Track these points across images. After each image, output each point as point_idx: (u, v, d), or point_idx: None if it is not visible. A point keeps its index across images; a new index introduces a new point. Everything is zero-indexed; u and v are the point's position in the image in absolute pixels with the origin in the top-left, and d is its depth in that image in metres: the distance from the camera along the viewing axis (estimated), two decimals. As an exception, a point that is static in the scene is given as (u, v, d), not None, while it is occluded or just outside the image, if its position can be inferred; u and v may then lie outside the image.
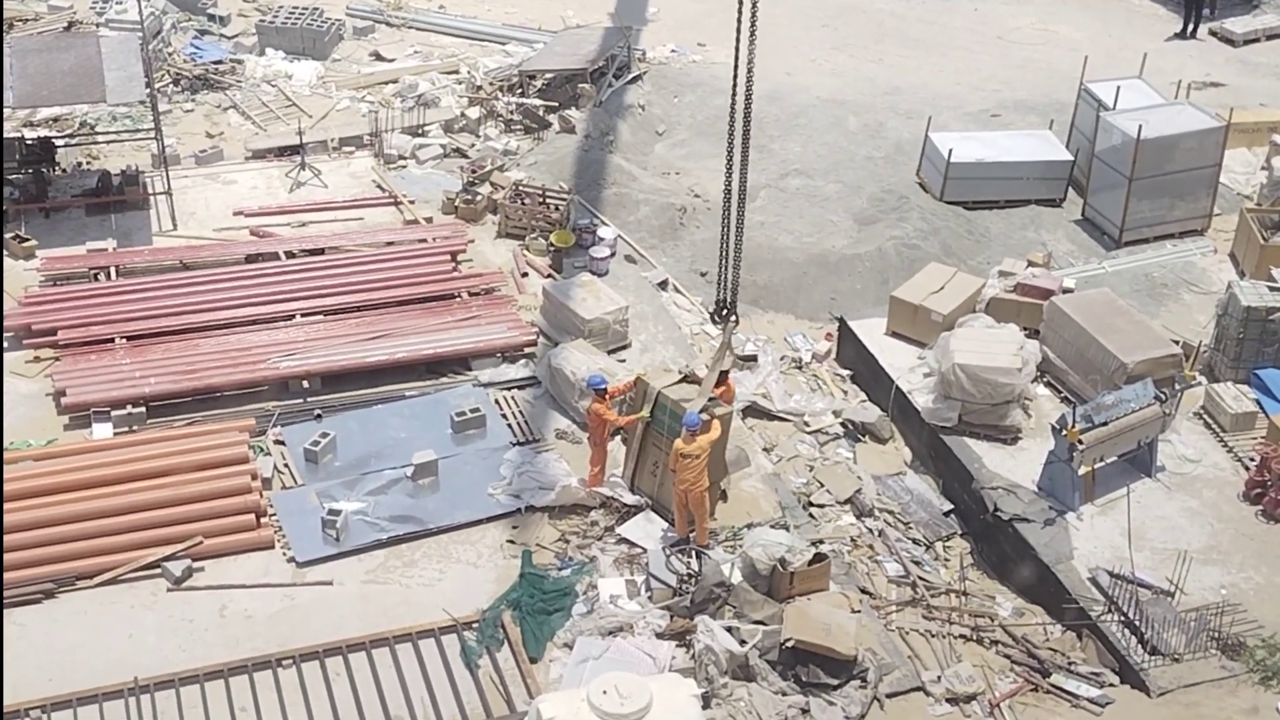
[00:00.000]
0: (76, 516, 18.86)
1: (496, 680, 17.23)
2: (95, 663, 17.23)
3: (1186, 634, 18.10)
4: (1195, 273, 25.28)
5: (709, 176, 27.49)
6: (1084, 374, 21.67)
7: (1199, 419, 21.78)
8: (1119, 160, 25.67)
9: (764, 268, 25.31)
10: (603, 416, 19.45)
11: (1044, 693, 17.93)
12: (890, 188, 27.28)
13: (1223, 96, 30.23)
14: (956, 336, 21.67)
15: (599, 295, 22.94)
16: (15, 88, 24.93)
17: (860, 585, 18.99)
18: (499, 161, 27.66)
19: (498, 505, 19.75)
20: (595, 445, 19.78)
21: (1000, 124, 29.55)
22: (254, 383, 21.71)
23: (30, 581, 18.13)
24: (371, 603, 18.28)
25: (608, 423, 19.52)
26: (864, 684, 17.23)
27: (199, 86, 30.62)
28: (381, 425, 21.10)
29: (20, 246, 24.60)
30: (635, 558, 18.94)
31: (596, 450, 19.80)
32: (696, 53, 32.31)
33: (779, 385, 22.84)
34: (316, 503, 19.57)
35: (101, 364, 21.90)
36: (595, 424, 19.59)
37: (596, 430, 19.64)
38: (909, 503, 21.04)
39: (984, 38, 34.40)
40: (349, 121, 29.42)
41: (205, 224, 25.93)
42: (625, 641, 17.57)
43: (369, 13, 33.86)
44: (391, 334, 22.76)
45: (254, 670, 17.17)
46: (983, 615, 19.13)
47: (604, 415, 19.45)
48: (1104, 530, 19.70)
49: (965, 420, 21.20)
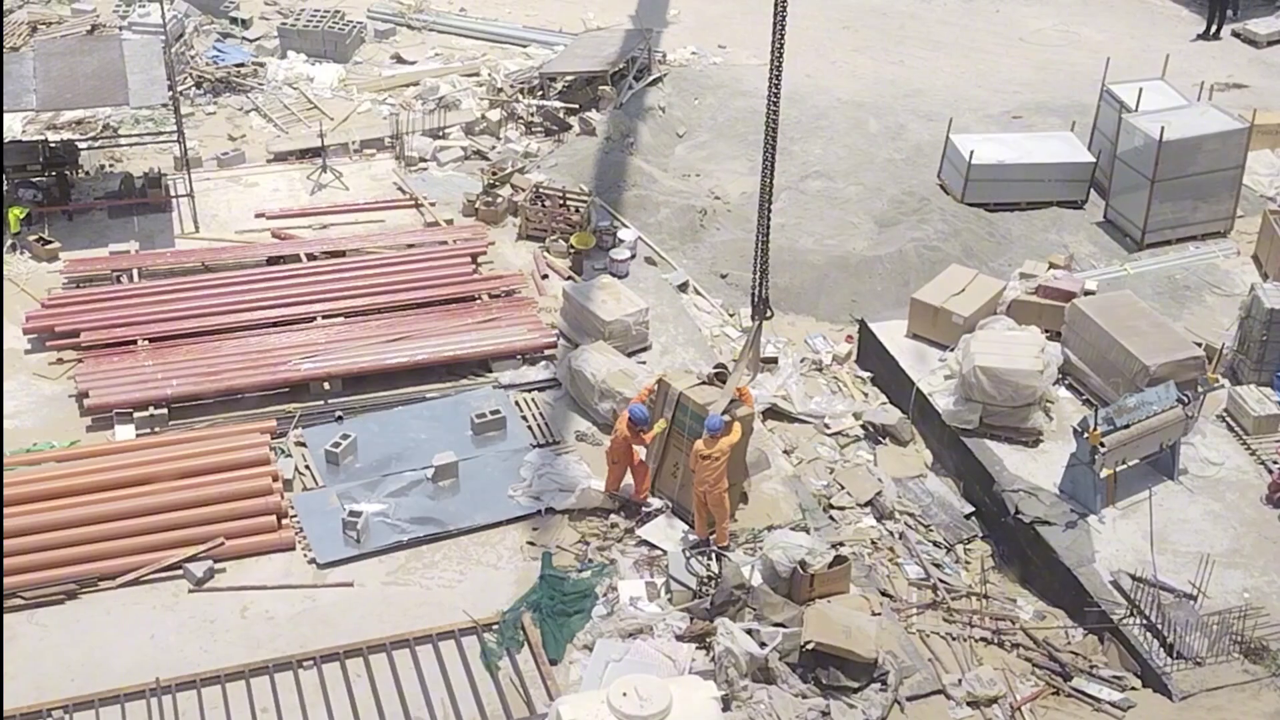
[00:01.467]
0: (99, 518, 18.95)
1: (516, 682, 17.24)
2: (117, 663, 17.31)
3: (1209, 638, 18.02)
4: (1218, 275, 25.17)
5: (729, 178, 27.48)
6: (1106, 376, 21.60)
7: (1222, 422, 21.68)
8: (1141, 162, 25.57)
9: (784, 270, 25.28)
10: (630, 444, 19.28)
11: (1065, 696, 17.86)
12: (911, 190, 27.22)
13: (1246, 98, 30.10)
14: (978, 339, 21.62)
15: (619, 297, 22.94)
16: (39, 91, 25.07)
17: (881, 588, 18.96)
18: (519, 164, 27.69)
19: (518, 507, 19.77)
20: (614, 464, 19.59)
21: (1022, 126, 29.46)
22: (275, 384, 21.77)
23: (53, 582, 18.22)
24: (392, 604, 18.31)
25: (631, 449, 19.35)
26: (884, 687, 17.19)
27: (221, 89, 30.73)
28: (402, 427, 21.14)
29: (43, 249, 24.73)
30: (655, 560, 18.95)
31: (615, 469, 19.64)
32: (717, 55, 32.28)
33: (799, 387, 22.82)
34: (337, 504, 19.62)
35: (124, 366, 21.99)
36: (620, 448, 19.38)
37: (621, 452, 19.43)
38: (930, 505, 21.00)
39: (1005, 39, 34.30)
40: (370, 124, 29.49)
41: (227, 226, 26.03)
42: (645, 643, 17.56)
43: (390, 15, 33.94)
44: (412, 336, 22.80)
45: (275, 671, 17.22)
46: (1004, 618, 19.08)
47: (632, 443, 19.27)
48: (1126, 533, 19.63)
49: (986, 423, 21.14)
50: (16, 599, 17.97)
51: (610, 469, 19.68)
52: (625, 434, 19.24)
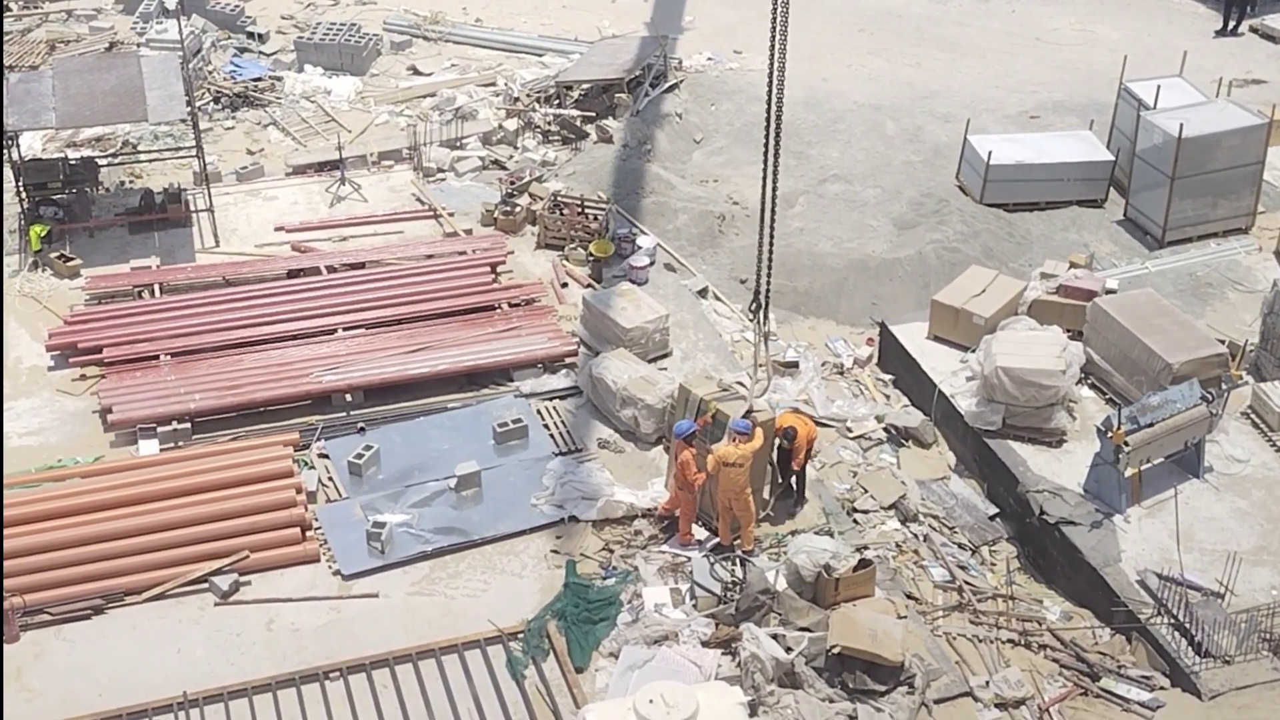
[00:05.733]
0: (124, 533, 19.00)
1: (542, 690, 17.24)
2: (144, 677, 17.34)
3: (1237, 636, 17.92)
4: (1240, 271, 25.08)
5: (747, 183, 27.46)
6: (1129, 375, 21.52)
7: (1246, 419, 21.58)
8: (1160, 159, 25.49)
9: (804, 273, 25.27)
10: (688, 467, 18.62)
11: (1094, 697, 17.79)
12: (930, 191, 27.18)
13: (1265, 94, 30.00)
14: (999, 339, 21.56)
15: (639, 304, 22.95)
16: (58, 109, 25.21)
17: (906, 591, 18.91)
18: (537, 172, 27.74)
19: (541, 515, 19.77)
20: (681, 489, 18.91)
21: (1040, 125, 29.42)
22: (297, 397, 21.82)
23: (79, 598, 18.27)
24: (417, 614, 18.33)
25: (691, 471, 18.68)
26: (911, 690, 17.13)
27: (239, 104, 30.88)
28: (424, 437, 21.17)
29: (65, 266, 24.85)
30: (679, 566, 18.91)
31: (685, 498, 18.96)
32: (732, 60, 32.32)
33: (821, 391, 22.78)
34: (361, 515, 19.65)
35: (146, 381, 22.06)
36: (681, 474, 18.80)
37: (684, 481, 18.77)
38: (953, 507, 20.94)
39: (1022, 39, 34.24)
40: (387, 136, 29.58)
41: (247, 240, 26.13)
42: (671, 650, 17.54)
43: (406, 27, 34.06)
44: (433, 346, 22.84)
45: (301, 683, 17.24)
46: (1030, 619, 19.01)
47: (689, 465, 18.61)
48: (1152, 532, 19.54)
49: (1009, 423, 21.08)
50: (43, 615, 18.03)
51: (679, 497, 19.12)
52: (685, 459, 18.74)
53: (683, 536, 19.21)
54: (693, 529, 19.24)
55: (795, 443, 19.52)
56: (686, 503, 19.03)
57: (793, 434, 19.49)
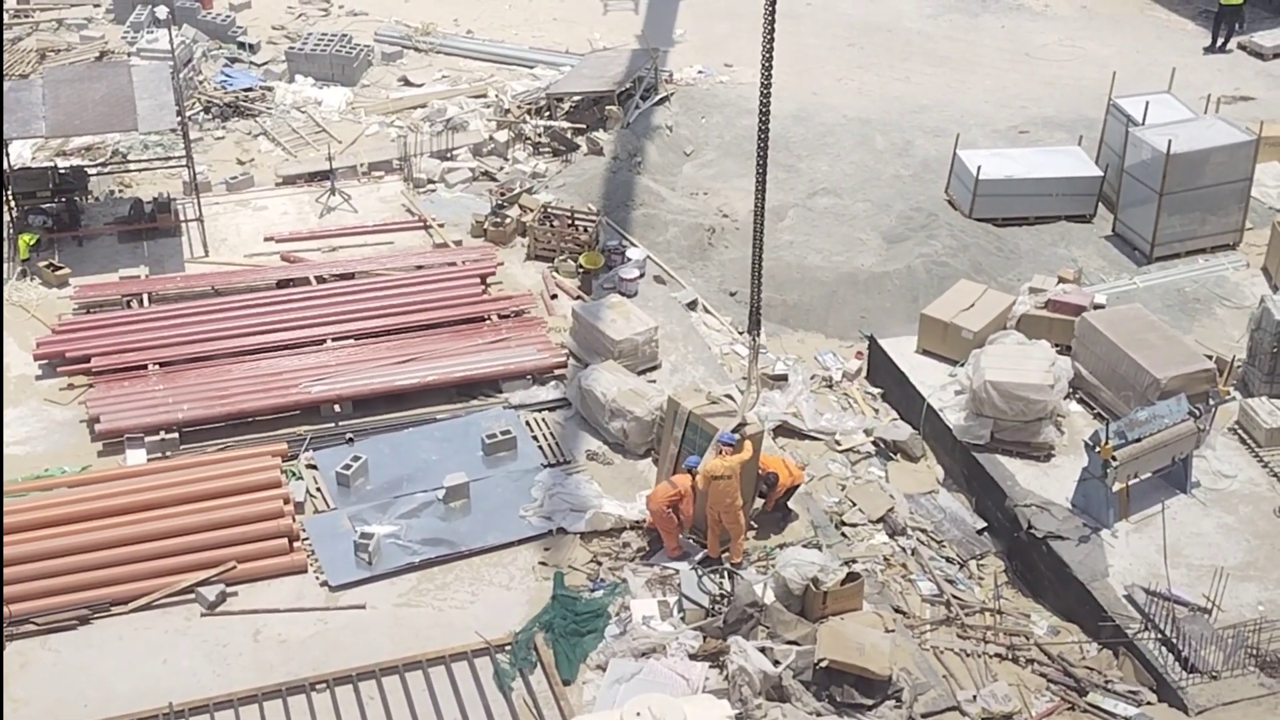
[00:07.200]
0: (111, 543, 18.95)
1: (530, 703, 17.21)
2: (130, 688, 17.29)
3: (1224, 651, 17.95)
4: (1228, 287, 25.15)
5: (737, 196, 27.51)
6: (1117, 390, 21.57)
7: (1233, 434, 21.63)
8: (1149, 175, 25.57)
9: (793, 287, 25.30)
10: (681, 497, 18.79)
11: (1081, 711, 17.81)
12: (919, 205, 27.24)
13: (1253, 110, 30.12)
14: (987, 354, 21.59)
15: (628, 316, 22.95)
16: (49, 117, 25.17)
17: (894, 604, 18.91)
18: (527, 184, 27.75)
19: (529, 527, 19.76)
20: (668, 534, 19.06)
21: (1029, 140, 29.50)
22: (285, 407, 21.79)
23: (66, 608, 18.21)
24: (404, 626, 18.29)
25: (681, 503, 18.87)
26: (899, 704, 17.14)
27: (229, 114, 30.84)
28: (413, 448, 21.15)
29: (54, 274, 24.80)
30: (667, 578, 18.90)
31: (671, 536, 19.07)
32: (723, 73, 32.38)
33: (810, 404, 22.79)
34: (349, 526, 19.62)
35: (135, 390, 22.02)
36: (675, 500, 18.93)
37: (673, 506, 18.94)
38: (942, 521, 20.96)
39: (1011, 55, 34.33)
40: (378, 146, 29.57)
41: (236, 250, 26.10)
42: (658, 663, 17.52)
43: (397, 38, 34.06)
44: (422, 357, 22.82)
45: (288, 694, 17.20)
46: (1018, 634, 19.02)
47: (684, 495, 18.79)
48: (1139, 547, 19.58)
49: (997, 438, 21.12)
50: (29, 625, 17.98)
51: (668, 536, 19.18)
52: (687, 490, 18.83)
53: (671, 551, 19.20)
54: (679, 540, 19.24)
55: (774, 488, 19.62)
56: (668, 520, 19.03)
57: (773, 480, 19.60)
